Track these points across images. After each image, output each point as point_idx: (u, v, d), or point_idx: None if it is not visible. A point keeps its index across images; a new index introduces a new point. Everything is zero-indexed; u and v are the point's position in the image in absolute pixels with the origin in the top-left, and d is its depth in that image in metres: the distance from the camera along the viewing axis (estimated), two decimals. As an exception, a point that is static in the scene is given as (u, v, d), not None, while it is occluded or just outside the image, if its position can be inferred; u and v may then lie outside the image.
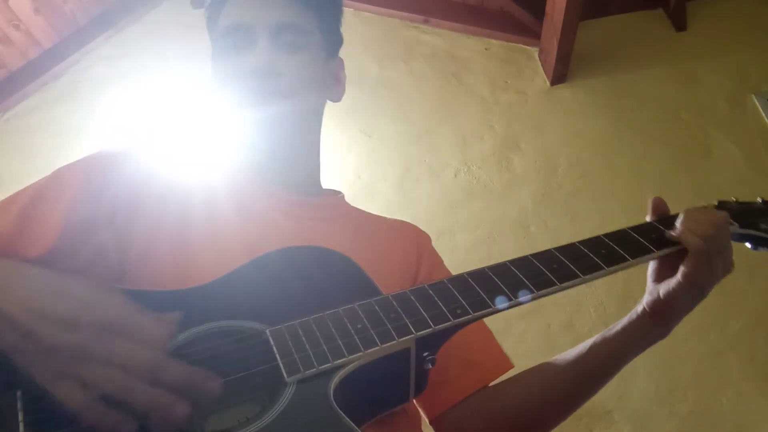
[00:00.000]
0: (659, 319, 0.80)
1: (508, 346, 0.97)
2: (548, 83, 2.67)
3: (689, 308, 0.80)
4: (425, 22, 2.92)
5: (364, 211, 1.02)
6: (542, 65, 2.72)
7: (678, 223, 0.79)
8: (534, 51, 2.77)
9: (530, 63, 2.76)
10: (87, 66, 2.92)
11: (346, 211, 1.00)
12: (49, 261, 0.71)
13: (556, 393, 0.85)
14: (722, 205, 0.88)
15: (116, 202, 0.79)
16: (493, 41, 2.85)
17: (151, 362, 0.56)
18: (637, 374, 1.97)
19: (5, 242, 0.71)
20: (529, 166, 2.49)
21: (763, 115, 2.45)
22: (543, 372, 0.86)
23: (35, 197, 0.76)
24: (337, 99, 1.02)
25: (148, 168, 0.85)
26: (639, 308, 0.82)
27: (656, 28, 2.79)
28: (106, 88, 2.82)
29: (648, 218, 0.84)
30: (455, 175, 2.51)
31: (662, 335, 0.82)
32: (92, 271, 0.74)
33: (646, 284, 0.83)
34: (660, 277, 0.81)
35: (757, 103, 2.49)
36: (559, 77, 2.64)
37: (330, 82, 1.01)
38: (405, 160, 2.57)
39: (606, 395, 1.91)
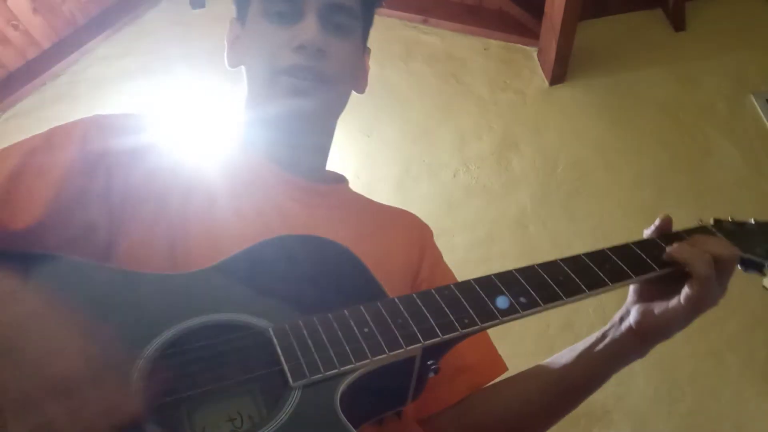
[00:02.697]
0: (645, 340, 0.78)
1: (507, 347, 0.97)
2: (547, 83, 2.67)
3: (678, 331, 0.77)
4: (424, 22, 2.92)
5: (367, 199, 0.99)
6: (541, 65, 2.72)
7: (684, 246, 0.75)
8: (533, 51, 2.77)
9: (529, 63, 2.76)
10: (86, 66, 2.92)
11: (351, 199, 0.96)
12: (35, 234, 0.67)
13: (537, 409, 0.84)
14: (718, 224, 0.84)
15: (112, 175, 0.74)
16: (492, 41, 2.85)
17: None
18: (636, 374, 1.97)
19: None
20: (528, 166, 2.49)
21: (762, 115, 2.45)
22: (524, 388, 0.85)
23: (24, 164, 0.71)
24: (362, 91, 0.99)
25: (148, 139, 0.80)
26: (623, 326, 0.79)
27: (655, 28, 2.79)
28: (105, 88, 2.82)
29: (647, 233, 0.81)
30: (454, 175, 2.51)
31: (642, 355, 0.80)
32: (78, 247, 0.70)
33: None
34: (648, 296, 0.78)
35: (755, 103, 2.49)
36: (557, 77, 2.64)
37: (361, 72, 0.98)
38: (404, 160, 2.57)
39: (605, 395, 1.90)
